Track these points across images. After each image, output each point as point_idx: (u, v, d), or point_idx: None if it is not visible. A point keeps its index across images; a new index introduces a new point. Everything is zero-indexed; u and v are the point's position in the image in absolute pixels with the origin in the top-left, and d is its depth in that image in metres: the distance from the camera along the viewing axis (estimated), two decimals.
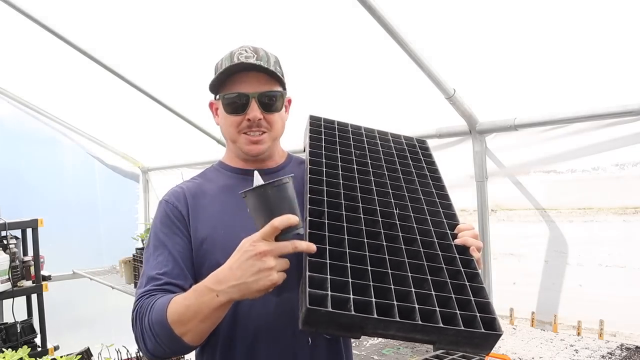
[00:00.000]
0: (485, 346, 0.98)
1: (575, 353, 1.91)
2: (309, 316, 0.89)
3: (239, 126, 1.22)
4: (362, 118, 2.73)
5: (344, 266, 0.99)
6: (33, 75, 3.80)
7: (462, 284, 1.07)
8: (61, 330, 4.07)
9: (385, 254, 1.07)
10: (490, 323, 0.99)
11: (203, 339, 1.07)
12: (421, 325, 0.93)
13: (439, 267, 1.10)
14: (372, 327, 0.91)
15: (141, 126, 4.15)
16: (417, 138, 1.54)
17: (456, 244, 1.18)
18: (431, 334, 0.94)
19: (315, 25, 2.35)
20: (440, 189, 1.36)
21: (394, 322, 0.91)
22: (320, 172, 1.21)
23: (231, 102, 1.20)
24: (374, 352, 2.15)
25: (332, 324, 0.90)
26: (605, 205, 2.06)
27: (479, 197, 2.38)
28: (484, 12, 1.96)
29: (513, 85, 2.17)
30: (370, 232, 1.11)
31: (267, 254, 0.95)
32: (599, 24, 1.79)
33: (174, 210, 1.22)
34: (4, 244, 3.54)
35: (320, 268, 0.97)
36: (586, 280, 2.11)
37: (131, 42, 2.95)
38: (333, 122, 1.45)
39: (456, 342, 0.96)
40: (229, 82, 1.21)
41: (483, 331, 0.96)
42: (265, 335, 1.17)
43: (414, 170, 1.38)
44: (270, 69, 1.19)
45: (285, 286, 1.17)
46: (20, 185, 4.51)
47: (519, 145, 2.27)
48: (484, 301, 1.04)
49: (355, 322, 0.90)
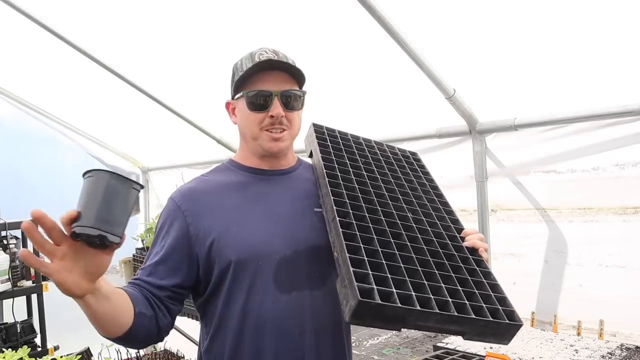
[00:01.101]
0: (507, 336, 1.06)
1: (575, 353, 1.91)
2: (359, 308, 0.91)
3: (261, 123, 1.23)
4: (363, 118, 2.75)
5: (379, 263, 1.04)
6: (33, 75, 3.81)
7: (480, 280, 1.15)
8: (61, 330, 4.06)
9: (410, 252, 1.13)
10: (511, 315, 1.07)
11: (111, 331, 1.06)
12: (456, 316, 0.99)
13: (458, 265, 1.17)
14: (413, 318, 0.96)
15: (141, 126, 4.15)
16: (409, 150, 1.62)
17: (466, 246, 1.25)
18: (464, 325, 1.01)
19: (315, 26, 2.35)
20: (440, 197, 1.43)
21: (434, 314, 0.97)
22: (336, 177, 1.25)
23: (254, 100, 1.22)
24: (374, 352, 2.15)
25: (379, 316, 0.94)
26: (605, 205, 2.06)
27: (479, 197, 2.38)
28: (484, 12, 1.96)
29: (513, 85, 2.17)
30: (392, 232, 1.16)
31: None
32: (599, 24, 1.80)
33: (176, 210, 1.22)
34: (4, 244, 3.54)
35: (359, 264, 1.00)
36: (586, 280, 2.12)
37: (131, 42, 2.95)
38: (334, 130, 1.49)
39: (484, 333, 1.03)
40: (252, 80, 1.22)
41: (508, 322, 1.05)
42: (273, 333, 1.18)
43: (414, 179, 1.45)
44: (296, 66, 1.22)
45: (295, 286, 1.18)
46: (20, 185, 4.52)
47: (519, 145, 2.27)
48: (501, 296, 1.12)
49: (400, 314, 0.95)
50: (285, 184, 1.29)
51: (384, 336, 2.36)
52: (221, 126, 3.53)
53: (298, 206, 1.25)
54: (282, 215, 1.22)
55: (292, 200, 1.25)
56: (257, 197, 1.24)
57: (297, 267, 1.19)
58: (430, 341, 2.25)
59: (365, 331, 2.42)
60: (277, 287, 1.17)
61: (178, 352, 2.94)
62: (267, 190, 1.26)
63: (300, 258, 1.19)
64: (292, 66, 1.21)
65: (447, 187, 1.55)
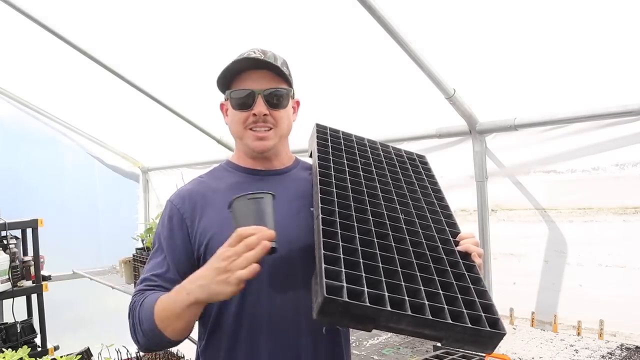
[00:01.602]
0: (489, 345, 1.01)
1: (575, 353, 1.91)
2: (325, 306, 0.91)
3: (245, 122, 1.24)
4: (363, 118, 2.74)
5: (356, 261, 1.03)
6: (33, 75, 3.80)
7: (467, 286, 1.11)
8: (61, 330, 4.07)
9: (394, 253, 1.11)
10: (494, 323, 1.03)
11: (184, 335, 1.13)
12: (431, 320, 0.96)
13: (444, 269, 1.14)
14: (384, 319, 0.94)
15: (141, 126, 4.15)
16: (417, 153, 1.60)
17: (459, 250, 1.22)
18: (440, 330, 0.97)
19: (315, 26, 2.35)
20: (441, 200, 1.41)
21: (406, 316, 0.95)
22: (329, 176, 1.25)
23: (238, 98, 1.23)
24: (374, 352, 2.15)
25: (347, 314, 0.92)
26: (605, 205, 2.06)
27: (479, 197, 2.38)
28: (484, 12, 1.96)
29: (513, 85, 2.17)
30: (378, 232, 1.15)
31: (228, 258, 1.00)
32: (599, 24, 1.79)
33: (176, 213, 1.24)
34: (4, 244, 3.54)
35: (334, 262, 1.00)
36: (586, 280, 2.11)
37: (131, 42, 2.95)
38: (338, 131, 1.49)
39: (462, 340, 0.99)
40: (237, 79, 1.24)
41: (489, 330, 1.00)
42: (269, 333, 1.18)
43: (416, 182, 1.44)
44: (276, 65, 1.22)
45: (290, 286, 1.19)
46: (20, 185, 4.52)
47: (519, 145, 2.27)
48: (488, 303, 1.08)
49: (369, 313, 0.93)
50: (280, 184, 1.29)
51: (384, 336, 2.36)
52: (221, 126, 3.51)
53: (294, 206, 1.26)
54: (277, 216, 1.23)
55: (288, 201, 1.26)
56: None
57: (292, 267, 1.20)
58: (430, 341, 2.25)
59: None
60: (273, 287, 1.18)
61: (178, 352, 2.94)
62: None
63: (295, 258, 1.19)
64: (274, 65, 1.22)
65: (447, 187, 1.54)
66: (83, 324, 4.48)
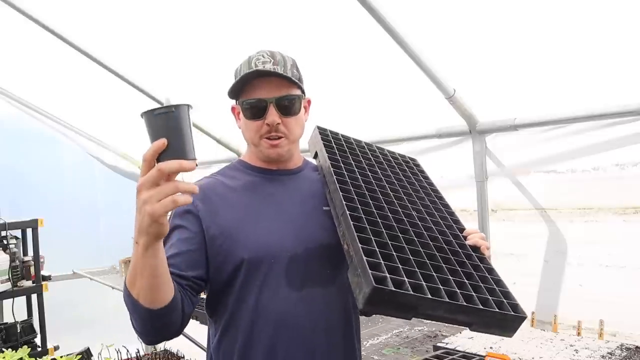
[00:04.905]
0: (512, 328, 1.10)
1: (575, 353, 1.91)
2: (373, 295, 0.93)
3: (259, 131, 1.24)
4: (363, 118, 2.74)
5: (390, 254, 1.07)
6: (33, 75, 3.80)
7: (484, 275, 1.19)
8: (61, 330, 4.06)
9: (418, 246, 1.16)
10: (515, 307, 1.12)
11: (155, 298, 1.02)
12: (465, 306, 1.02)
13: (463, 260, 1.20)
14: (424, 307, 0.98)
15: (141, 126, 4.14)
16: (409, 156, 1.66)
17: (469, 245, 1.28)
18: (471, 315, 1.04)
19: (315, 26, 2.35)
20: (441, 199, 1.47)
21: (444, 303, 1.00)
22: (343, 175, 1.27)
23: (250, 108, 1.23)
24: (374, 352, 2.15)
25: (392, 303, 0.96)
26: (605, 205, 2.06)
27: (479, 197, 2.38)
28: (484, 12, 1.96)
29: (513, 85, 2.17)
30: (400, 228, 1.20)
31: (140, 189, 0.98)
32: (599, 24, 1.80)
33: (189, 207, 1.20)
34: (4, 244, 3.54)
35: (371, 254, 1.03)
36: (586, 280, 2.12)
37: (131, 42, 2.95)
38: (337, 134, 1.51)
39: (490, 324, 1.07)
40: (247, 87, 1.23)
41: (513, 313, 1.09)
42: (285, 330, 1.19)
43: (415, 182, 1.49)
44: (286, 75, 1.21)
45: (307, 283, 1.20)
46: (20, 185, 4.51)
47: (519, 145, 2.27)
48: (505, 290, 1.17)
49: (412, 302, 0.97)
50: (293, 184, 1.31)
51: (384, 336, 2.36)
52: (221, 126, 3.53)
53: (307, 206, 1.27)
54: (292, 215, 1.25)
55: (301, 200, 1.28)
56: (267, 197, 1.27)
57: (308, 266, 1.21)
58: (430, 341, 2.25)
59: (366, 331, 2.42)
60: (289, 285, 1.19)
61: (178, 352, 2.94)
62: (276, 190, 1.29)
63: (311, 257, 1.21)
64: (283, 75, 1.20)
65: (447, 187, 1.55)
66: (83, 324, 4.47)
